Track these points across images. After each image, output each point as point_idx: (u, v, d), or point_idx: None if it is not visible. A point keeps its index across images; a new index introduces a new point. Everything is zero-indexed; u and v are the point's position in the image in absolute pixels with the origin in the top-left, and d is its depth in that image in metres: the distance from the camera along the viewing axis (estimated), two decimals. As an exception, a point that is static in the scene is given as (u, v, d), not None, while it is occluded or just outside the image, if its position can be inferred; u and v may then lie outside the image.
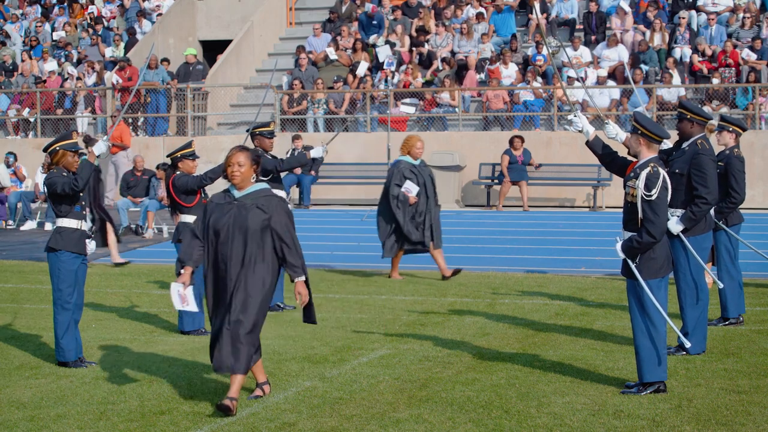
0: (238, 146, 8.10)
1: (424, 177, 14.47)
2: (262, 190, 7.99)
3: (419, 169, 14.51)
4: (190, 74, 26.92)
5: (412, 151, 14.47)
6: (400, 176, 14.42)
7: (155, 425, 7.60)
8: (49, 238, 9.58)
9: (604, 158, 8.86)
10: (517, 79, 24.90)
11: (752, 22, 24.78)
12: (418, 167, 14.50)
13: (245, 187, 7.97)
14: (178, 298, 8.10)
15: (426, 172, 14.60)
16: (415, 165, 14.47)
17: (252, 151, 7.98)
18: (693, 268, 9.52)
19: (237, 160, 7.88)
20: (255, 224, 7.86)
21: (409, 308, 12.37)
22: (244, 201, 7.92)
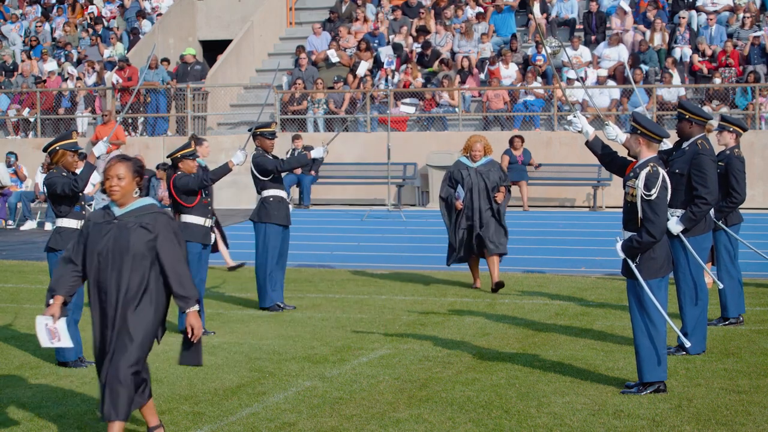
0: (118, 156, 7.02)
1: (474, 181, 13.56)
2: (146, 206, 6.86)
3: (474, 171, 13.58)
4: (189, 74, 26.91)
5: (471, 152, 13.70)
6: (448, 178, 13.73)
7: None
8: (49, 238, 9.58)
9: (603, 158, 8.87)
10: (517, 79, 24.91)
11: (752, 22, 24.77)
12: (473, 169, 13.60)
13: (127, 203, 6.82)
14: (46, 333, 6.90)
15: (482, 176, 13.57)
16: (469, 167, 13.64)
17: (134, 162, 6.87)
18: (692, 268, 9.52)
19: (116, 173, 6.74)
20: (138, 247, 6.73)
21: (409, 308, 12.37)
22: (126, 219, 6.79)
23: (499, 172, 13.73)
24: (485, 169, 13.67)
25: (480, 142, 13.76)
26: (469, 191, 13.55)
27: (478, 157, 13.73)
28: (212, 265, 13.21)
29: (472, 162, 13.73)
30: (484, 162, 13.73)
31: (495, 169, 13.74)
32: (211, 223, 11.29)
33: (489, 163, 13.75)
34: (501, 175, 13.77)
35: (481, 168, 13.68)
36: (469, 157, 13.78)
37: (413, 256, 16.67)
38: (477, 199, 13.53)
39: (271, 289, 12.46)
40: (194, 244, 11.10)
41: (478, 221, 13.45)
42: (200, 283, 11.18)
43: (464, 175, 13.62)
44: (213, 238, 11.35)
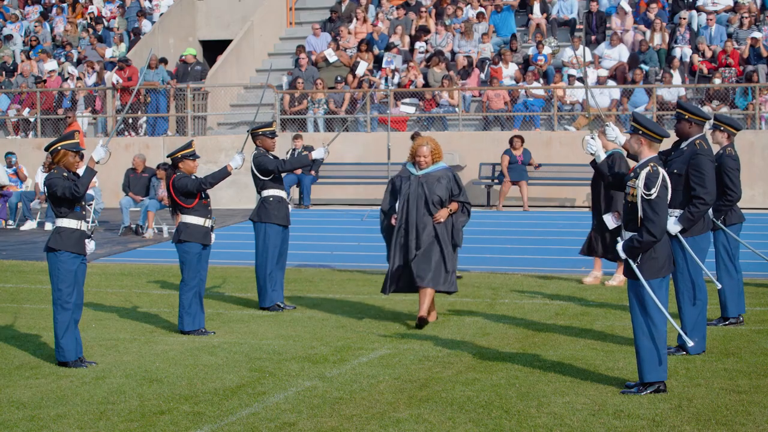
0: None
1: (413, 192, 11.22)
2: None
3: (417, 181, 11.29)
4: (189, 74, 26.91)
5: (415, 157, 11.39)
6: (390, 187, 11.56)
7: (155, 425, 7.60)
8: (49, 238, 9.58)
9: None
10: (517, 78, 24.91)
11: (752, 22, 24.77)
12: (416, 178, 11.29)
13: None
14: None
15: (424, 186, 11.22)
16: (412, 175, 11.32)
17: None
18: (691, 268, 9.52)
19: None
20: None
21: (409, 308, 12.36)
22: None
23: (450, 184, 11.22)
24: (431, 179, 11.23)
25: (426, 146, 11.32)
26: (405, 204, 11.21)
27: (423, 164, 11.30)
28: (212, 265, 13.21)
29: (417, 169, 11.37)
30: (433, 170, 11.29)
31: (445, 180, 11.21)
32: (211, 224, 11.30)
33: (439, 172, 11.29)
34: (452, 187, 11.23)
35: (426, 177, 11.25)
36: (415, 164, 11.40)
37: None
38: (414, 215, 11.16)
39: (271, 289, 12.46)
40: (194, 244, 11.11)
41: (414, 243, 11.10)
42: (200, 283, 11.19)
43: (404, 184, 11.31)
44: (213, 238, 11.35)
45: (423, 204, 11.14)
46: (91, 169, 9.43)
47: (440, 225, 11.13)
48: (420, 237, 11.08)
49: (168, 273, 15.42)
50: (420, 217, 11.11)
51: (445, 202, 11.14)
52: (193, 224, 11.16)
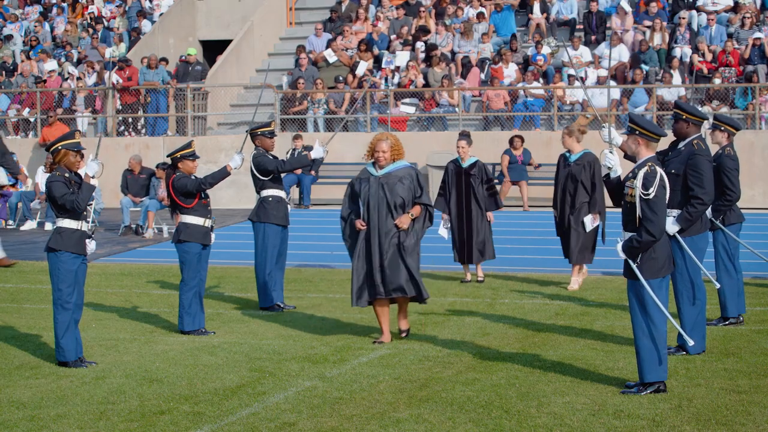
0: None
1: (373, 194, 10.26)
2: None
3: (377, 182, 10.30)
4: (189, 74, 26.91)
5: (374, 155, 10.39)
6: (350, 191, 10.63)
7: (155, 425, 7.60)
8: (49, 238, 9.59)
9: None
10: (517, 78, 24.91)
11: (752, 22, 24.78)
12: (375, 179, 10.32)
13: None
14: None
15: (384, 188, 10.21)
16: (372, 176, 10.36)
17: None
18: (690, 268, 9.53)
19: None
20: None
21: (409, 308, 12.35)
22: None
23: (412, 185, 10.18)
24: (392, 179, 10.18)
25: (386, 141, 10.27)
26: (365, 209, 10.25)
27: (382, 161, 10.24)
28: (212, 265, 13.21)
29: (376, 169, 10.35)
30: (393, 169, 10.25)
31: (407, 181, 10.18)
32: (211, 224, 11.30)
33: (401, 171, 10.25)
34: (414, 188, 10.20)
35: (387, 177, 10.22)
36: (374, 163, 10.36)
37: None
38: (375, 220, 10.16)
39: (271, 289, 12.46)
40: (194, 244, 11.11)
41: (377, 251, 10.13)
42: (200, 283, 11.19)
43: (363, 186, 10.34)
44: (213, 238, 11.35)
45: (384, 207, 10.12)
46: (88, 185, 9.46)
47: (403, 231, 10.15)
48: (383, 244, 10.09)
49: (168, 273, 15.42)
50: (382, 222, 10.10)
51: (408, 205, 10.18)
52: (193, 224, 11.17)
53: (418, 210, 10.27)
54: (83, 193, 9.40)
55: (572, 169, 13.47)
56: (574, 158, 13.55)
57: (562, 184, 13.55)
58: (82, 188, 9.42)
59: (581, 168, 13.42)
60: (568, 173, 13.51)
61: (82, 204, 9.40)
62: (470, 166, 14.13)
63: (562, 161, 13.73)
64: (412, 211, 10.19)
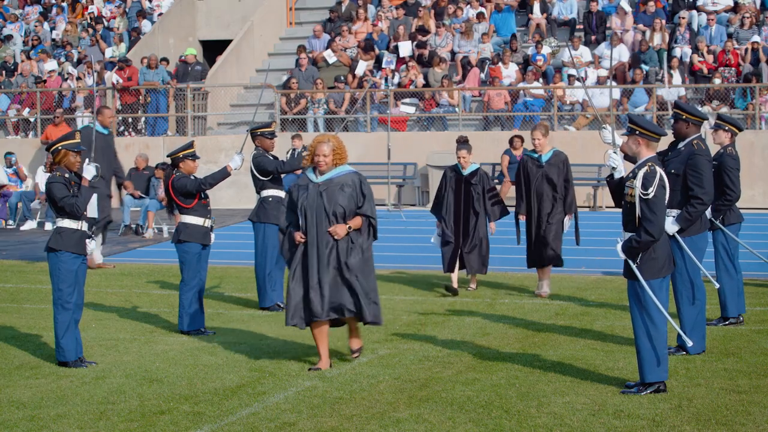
0: None
1: (312, 203, 9.11)
2: None
3: (315, 189, 9.15)
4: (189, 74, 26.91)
5: (315, 159, 9.26)
6: (288, 199, 9.38)
7: (155, 425, 7.60)
8: (49, 238, 9.59)
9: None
10: (517, 79, 24.91)
11: (752, 22, 24.78)
12: (314, 186, 9.17)
13: None
14: None
15: (323, 196, 9.09)
16: (311, 182, 9.20)
17: None
18: (689, 268, 9.53)
19: None
20: None
21: (409, 308, 12.36)
22: None
23: (355, 193, 9.11)
24: (333, 187, 9.10)
25: (327, 143, 9.21)
26: (303, 219, 9.10)
27: (323, 165, 9.15)
28: (212, 265, 13.21)
29: (317, 175, 9.23)
30: (335, 175, 9.18)
31: (349, 188, 9.12)
32: (210, 224, 11.30)
33: (343, 177, 9.19)
34: (357, 197, 9.12)
35: (327, 184, 9.13)
36: (315, 169, 9.21)
37: (413, 256, 16.66)
38: (314, 232, 9.05)
39: (271, 289, 12.46)
40: (194, 244, 11.11)
41: (314, 266, 9.04)
42: (200, 283, 11.19)
43: (301, 194, 9.16)
44: (213, 238, 11.35)
45: (323, 217, 9.00)
46: (87, 188, 9.46)
47: (347, 243, 9.06)
48: (322, 259, 8.99)
49: (168, 273, 15.42)
50: (321, 234, 9.00)
51: (351, 216, 9.09)
52: (193, 224, 11.17)
53: (359, 222, 9.08)
54: (82, 197, 9.41)
55: (546, 170, 13.00)
56: (545, 158, 13.10)
57: (536, 186, 13.00)
58: (81, 192, 9.42)
59: (555, 168, 12.99)
60: (542, 174, 13.00)
61: (82, 208, 9.42)
62: (471, 174, 13.53)
63: (531, 162, 13.14)
64: (350, 222, 9.03)
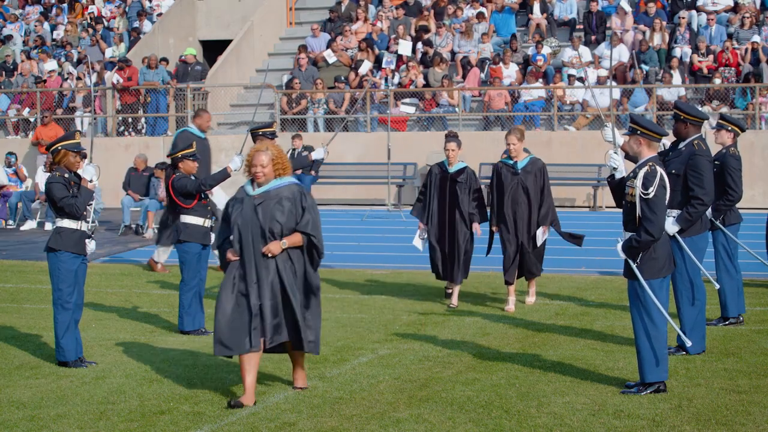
0: None
1: (247, 219, 8.16)
2: None
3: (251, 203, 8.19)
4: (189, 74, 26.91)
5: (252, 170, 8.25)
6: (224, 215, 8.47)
7: (155, 425, 7.60)
8: (49, 238, 9.59)
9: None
10: (517, 79, 24.91)
11: (752, 22, 24.78)
12: (250, 199, 8.20)
13: None
14: None
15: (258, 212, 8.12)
16: (248, 195, 8.23)
17: None
18: (689, 268, 9.53)
19: None
20: None
21: (409, 308, 12.36)
22: None
23: (294, 209, 8.14)
24: (270, 200, 8.13)
25: (265, 152, 8.16)
26: (237, 236, 8.17)
27: (260, 178, 8.16)
28: (212, 265, 13.21)
29: (253, 187, 8.24)
30: (274, 187, 8.17)
31: (288, 203, 8.13)
32: (210, 224, 11.30)
33: (282, 190, 8.17)
34: (297, 212, 8.15)
35: (264, 197, 8.15)
36: (252, 180, 8.26)
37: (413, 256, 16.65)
38: (249, 251, 8.11)
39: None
40: (194, 244, 11.12)
41: (255, 290, 8.11)
42: (200, 283, 11.19)
43: (235, 208, 8.24)
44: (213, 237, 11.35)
45: (258, 235, 8.06)
46: (87, 189, 9.46)
47: (285, 264, 8.15)
48: (262, 282, 8.08)
49: (168, 273, 15.42)
50: (257, 253, 8.07)
51: (289, 233, 8.14)
52: (193, 224, 11.18)
53: (298, 239, 8.13)
54: (82, 197, 9.41)
55: (522, 178, 12.18)
56: (521, 165, 12.26)
57: (511, 194, 12.15)
58: (80, 192, 9.42)
59: (531, 176, 12.18)
60: (518, 183, 12.16)
61: (81, 208, 9.41)
62: (457, 171, 12.50)
63: (506, 170, 12.31)
64: (286, 238, 8.07)
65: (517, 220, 12.18)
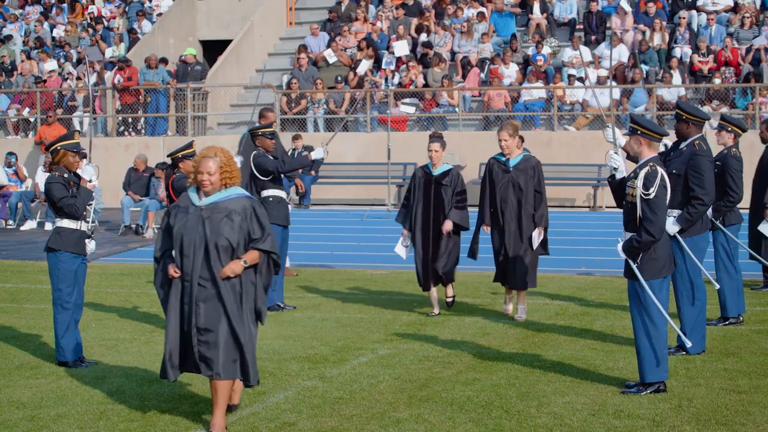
0: None
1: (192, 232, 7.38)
2: None
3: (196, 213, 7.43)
4: (189, 74, 26.91)
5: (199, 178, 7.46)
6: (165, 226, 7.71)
7: (155, 425, 7.60)
8: (49, 238, 9.59)
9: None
10: (517, 79, 24.91)
11: (752, 22, 24.78)
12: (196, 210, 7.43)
13: None
14: None
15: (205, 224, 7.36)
16: (193, 205, 7.46)
17: None
18: (690, 268, 9.53)
19: None
20: None
21: (409, 308, 12.36)
22: None
23: (248, 222, 7.40)
24: (218, 213, 7.36)
25: (213, 159, 7.37)
26: (178, 250, 7.39)
27: (207, 186, 7.37)
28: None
29: (200, 197, 7.47)
30: (223, 199, 7.41)
31: (238, 216, 7.37)
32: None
33: (231, 202, 7.40)
34: (251, 227, 7.41)
35: (211, 209, 7.38)
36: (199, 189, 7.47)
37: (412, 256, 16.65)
38: (189, 267, 7.35)
39: (271, 289, 12.45)
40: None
41: (194, 310, 7.35)
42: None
43: (179, 219, 7.45)
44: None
45: (202, 250, 7.30)
46: (86, 189, 9.46)
47: (229, 285, 7.34)
48: (200, 302, 7.33)
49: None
50: (198, 270, 7.32)
51: (239, 249, 7.37)
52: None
53: (256, 257, 7.40)
54: (81, 197, 9.40)
55: (513, 176, 11.49)
56: (514, 162, 11.58)
57: (501, 193, 11.48)
58: (80, 192, 9.41)
59: (524, 174, 11.49)
60: (509, 181, 11.49)
61: (80, 208, 9.41)
62: (442, 174, 11.86)
63: (498, 167, 11.63)
64: (245, 256, 7.34)
65: (505, 220, 11.47)
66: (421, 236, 11.86)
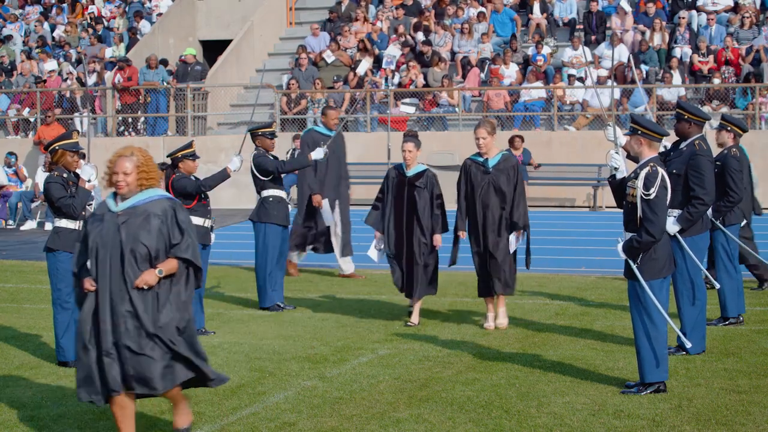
0: None
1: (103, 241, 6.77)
2: None
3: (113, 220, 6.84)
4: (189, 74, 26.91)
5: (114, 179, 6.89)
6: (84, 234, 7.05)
7: (155, 425, 7.60)
8: (48, 238, 9.59)
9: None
10: (517, 79, 24.91)
11: (752, 22, 24.78)
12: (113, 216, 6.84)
13: None
14: None
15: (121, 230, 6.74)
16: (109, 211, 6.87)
17: None
18: (690, 268, 9.53)
19: None
20: None
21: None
22: None
23: (168, 227, 6.80)
24: (135, 217, 6.75)
25: (129, 159, 6.78)
26: (94, 259, 6.77)
27: (124, 190, 6.79)
28: (212, 265, 13.21)
29: (116, 202, 6.88)
30: (140, 202, 6.81)
31: (157, 220, 6.77)
32: (210, 224, 11.30)
33: (150, 205, 6.79)
34: (170, 232, 6.81)
35: (128, 214, 6.77)
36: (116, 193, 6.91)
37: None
38: (106, 278, 6.71)
39: (271, 289, 12.46)
40: (194, 244, 11.05)
41: (108, 325, 6.68)
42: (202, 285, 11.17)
43: (95, 227, 6.84)
44: (213, 238, 11.35)
45: (118, 259, 6.68)
46: (85, 189, 9.46)
47: (152, 295, 6.75)
48: (117, 315, 6.66)
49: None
50: (115, 281, 6.69)
51: (160, 257, 6.78)
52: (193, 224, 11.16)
53: (174, 266, 6.78)
54: (79, 197, 9.40)
55: (494, 177, 10.96)
56: (493, 162, 11.05)
57: (481, 196, 10.92)
58: (78, 193, 9.41)
59: (505, 175, 11.02)
60: (489, 183, 10.94)
61: (78, 209, 9.41)
62: (416, 175, 11.33)
63: (476, 168, 11.03)
64: (161, 265, 6.73)
65: (486, 224, 10.90)
66: (395, 241, 11.38)
